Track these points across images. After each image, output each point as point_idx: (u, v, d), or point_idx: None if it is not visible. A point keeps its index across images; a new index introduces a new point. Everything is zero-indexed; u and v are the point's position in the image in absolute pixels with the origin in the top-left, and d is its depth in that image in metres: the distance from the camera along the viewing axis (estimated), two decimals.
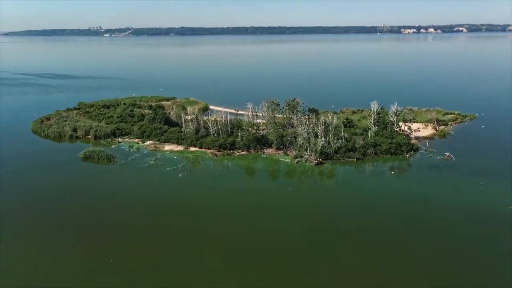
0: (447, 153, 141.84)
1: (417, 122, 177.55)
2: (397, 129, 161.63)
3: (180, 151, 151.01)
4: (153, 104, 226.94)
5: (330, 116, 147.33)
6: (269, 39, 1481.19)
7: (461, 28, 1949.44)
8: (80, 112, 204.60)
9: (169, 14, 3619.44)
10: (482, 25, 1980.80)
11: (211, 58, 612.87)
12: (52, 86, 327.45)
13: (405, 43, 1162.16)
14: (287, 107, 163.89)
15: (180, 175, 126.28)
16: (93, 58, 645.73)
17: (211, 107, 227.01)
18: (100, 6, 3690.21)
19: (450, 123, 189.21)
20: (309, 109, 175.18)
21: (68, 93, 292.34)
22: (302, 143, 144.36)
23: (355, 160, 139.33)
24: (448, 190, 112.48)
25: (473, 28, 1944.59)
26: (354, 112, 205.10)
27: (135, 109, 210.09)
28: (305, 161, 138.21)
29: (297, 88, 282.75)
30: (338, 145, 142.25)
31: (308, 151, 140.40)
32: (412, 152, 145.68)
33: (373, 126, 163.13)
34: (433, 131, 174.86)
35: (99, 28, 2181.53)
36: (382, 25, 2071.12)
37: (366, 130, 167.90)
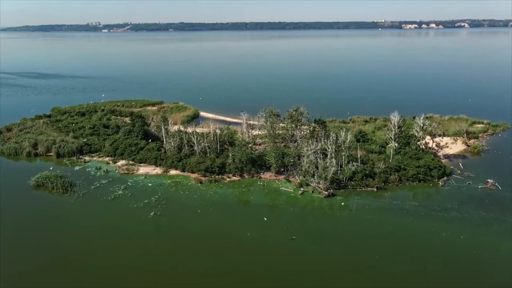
0: (489, 180, 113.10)
1: (444, 136, 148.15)
2: (423, 146, 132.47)
3: (157, 175, 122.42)
4: (136, 110, 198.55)
5: (343, 133, 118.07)
6: (269, 34, 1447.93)
7: (463, 24, 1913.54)
8: (49, 121, 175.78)
9: (168, 9, 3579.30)
10: (484, 20, 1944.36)
11: (208, 54, 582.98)
12: (31, 87, 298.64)
13: (408, 38, 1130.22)
14: (289, 120, 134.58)
15: (151, 214, 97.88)
16: (85, 55, 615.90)
17: (202, 113, 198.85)
18: (99, 1, 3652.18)
19: (481, 135, 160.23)
20: (315, 120, 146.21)
21: (47, 95, 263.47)
22: (308, 166, 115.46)
23: (375, 189, 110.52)
24: (508, 239, 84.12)
25: (475, 24, 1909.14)
26: (366, 121, 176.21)
27: (113, 117, 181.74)
28: (312, 191, 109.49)
29: (298, 90, 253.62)
30: (353, 169, 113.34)
31: (315, 177, 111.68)
32: (445, 178, 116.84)
33: (393, 142, 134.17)
34: (464, 147, 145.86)
35: (97, 24, 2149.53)
36: (383, 21, 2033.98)
37: (383, 146, 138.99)
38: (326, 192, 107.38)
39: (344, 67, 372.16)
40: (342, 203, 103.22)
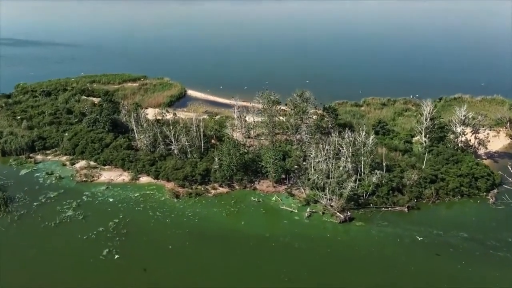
0: None
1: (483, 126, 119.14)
2: (461, 143, 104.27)
3: (123, 184, 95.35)
4: (114, 87, 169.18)
5: (363, 132, 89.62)
6: None
7: None
8: (5, 104, 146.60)
9: None
10: None
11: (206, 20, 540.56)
12: (4, 56, 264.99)
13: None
14: (293, 111, 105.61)
15: (104, 252, 71.46)
16: (69, 19, 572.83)
17: (189, 92, 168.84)
18: None
19: None
20: (324, 107, 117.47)
21: (18, 68, 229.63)
22: (317, 177, 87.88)
23: (406, 209, 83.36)
24: None
25: None
26: (383, 105, 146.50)
27: (83, 98, 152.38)
28: (323, 212, 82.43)
29: (300, 64, 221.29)
30: (376, 181, 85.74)
31: (327, 191, 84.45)
32: (495, 190, 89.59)
33: (423, 138, 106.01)
34: (509, 141, 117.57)
35: None
36: None
37: (409, 141, 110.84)
38: (341, 216, 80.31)
39: (346, 37, 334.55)
40: (364, 234, 76.19)
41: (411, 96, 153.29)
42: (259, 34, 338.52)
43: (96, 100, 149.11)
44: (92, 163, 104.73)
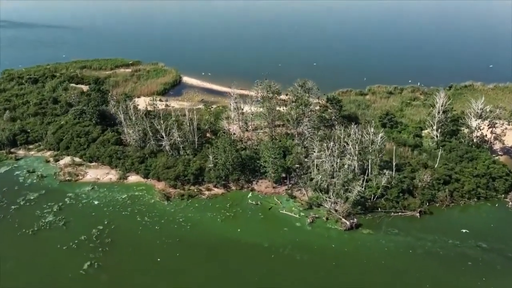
0: None
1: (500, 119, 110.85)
2: (476, 138, 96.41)
3: (110, 184, 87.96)
4: (106, 73, 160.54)
5: (372, 129, 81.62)
6: None
7: None
8: None
9: None
10: None
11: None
12: None
13: None
14: (294, 104, 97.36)
15: (86, 266, 64.43)
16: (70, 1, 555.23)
17: (185, 79, 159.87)
18: None
19: None
20: (327, 98, 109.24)
21: (9, 51, 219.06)
22: (321, 178, 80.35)
23: (418, 214, 76.07)
24: None
25: None
26: (390, 93, 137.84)
27: (71, 85, 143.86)
28: (327, 218, 75.16)
29: (302, 48, 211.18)
30: (386, 183, 78.20)
31: (331, 193, 77.09)
32: None
33: (435, 132, 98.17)
34: None
35: None
36: None
37: (419, 134, 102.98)
38: (347, 222, 73.09)
39: (350, 23, 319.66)
40: (372, 243, 69.07)
41: (418, 84, 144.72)
42: (262, 18, 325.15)
43: (85, 88, 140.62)
44: (77, 159, 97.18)
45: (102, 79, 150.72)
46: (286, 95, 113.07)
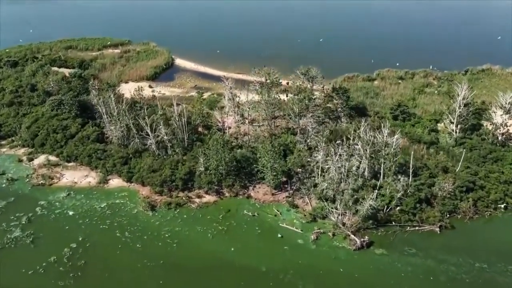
0: None
1: None
2: (501, 135, 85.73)
3: (89, 189, 77.80)
4: (93, 54, 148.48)
5: (385, 131, 70.77)
6: None
7: None
8: None
9: None
10: None
11: None
12: None
13: None
14: (297, 98, 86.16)
15: None
16: None
17: (178, 61, 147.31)
18: None
19: None
20: (333, 87, 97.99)
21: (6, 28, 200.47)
22: (327, 187, 70.23)
23: (438, 229, 66.26)
24: None
25: None
26: (401, 78, 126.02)
27: (53, 69, 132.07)
28: (333, 234, 65.39)
29: (305, 28, 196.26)
30: (402, 191, 68.06)
31: (338, 203, 67.15)
32: None
33: (453, 127, 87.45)
34: None
35: None
36: None
37: (435, 129, 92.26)
38: (357, 240, 63.34)
39: (357, 4, 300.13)
40: (387, 267, 59.46)
41: (430, 67, 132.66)
42: None
43: (69, 72, 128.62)
44: (53, 158, 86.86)
45: (87, 62, 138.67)
46: (287, 83, 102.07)
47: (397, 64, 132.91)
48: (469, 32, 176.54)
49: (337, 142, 78.41)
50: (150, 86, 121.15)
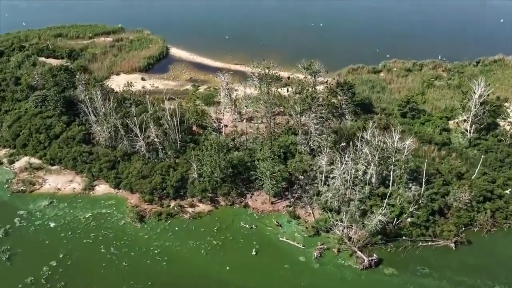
0: None
1: None
2: None
3: (74, 196, 71.75)
4: (83, 43, 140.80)
5: (397, 135, 64.23)
6: None
7: None
8: None
9: None
10: None
11: None
12: None
13: None
14: (298, 97, 79.50)
15: None
16: None
17: (172, 50, 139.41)
18: None
19: None
20: (337, 83, 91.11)
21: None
22: (332, 197, 64.14)
23: (453, 245, 60.38)
24: None
25: None
26: (408, 70, 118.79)
27: (41, 59, 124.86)
28: (338, 251, 59.53)
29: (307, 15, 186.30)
30: (414, 204, 62.02)
31: (344, 215, 61.18)
32: None
33: (467, 128, 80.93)
34: None
35: None
36: None
37: (446, 128, 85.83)
38: (364, 259, 57.47)
39: None
40: None
41: (439, 57, 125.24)
42: None
43: (58, 63, 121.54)
44: (36, 161, 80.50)
45: (77, 52, 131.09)
46: (288, 78, 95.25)
47: (404, 52, 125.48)
48: (481, 19, 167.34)
49: (342, 144, 72.65)
50: (142, 79, 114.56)
